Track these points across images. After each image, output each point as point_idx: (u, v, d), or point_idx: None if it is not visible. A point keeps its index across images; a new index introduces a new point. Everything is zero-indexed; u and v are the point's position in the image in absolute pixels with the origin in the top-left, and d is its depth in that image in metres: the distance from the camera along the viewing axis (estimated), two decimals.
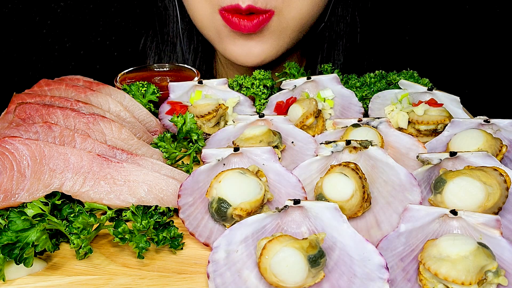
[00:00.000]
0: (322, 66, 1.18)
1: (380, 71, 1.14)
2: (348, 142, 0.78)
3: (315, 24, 1.25)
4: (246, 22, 1.07)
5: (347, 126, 0.88)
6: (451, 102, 0.99)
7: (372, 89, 1.08)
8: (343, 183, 0.70)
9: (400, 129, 0.95)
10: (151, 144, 0.90)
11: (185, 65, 1.20)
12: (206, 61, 1.46)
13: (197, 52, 1.43)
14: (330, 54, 1.36)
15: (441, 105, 0.95)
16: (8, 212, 0.64)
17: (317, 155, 0.79)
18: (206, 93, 1.05)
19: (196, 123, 0.91)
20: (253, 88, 1.07)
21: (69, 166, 0.75)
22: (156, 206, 0.74)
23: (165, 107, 1.03)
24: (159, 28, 1.42)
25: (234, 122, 0.94)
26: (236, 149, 0.79)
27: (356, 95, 1.04)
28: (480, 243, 0.60)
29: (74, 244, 0.66)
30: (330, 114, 1.00)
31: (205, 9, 1.14)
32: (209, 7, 1.13)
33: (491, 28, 1.76)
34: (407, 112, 0.95)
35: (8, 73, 1.79)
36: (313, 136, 0.91)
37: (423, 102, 0.96)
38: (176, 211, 0.76)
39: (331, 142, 0.79)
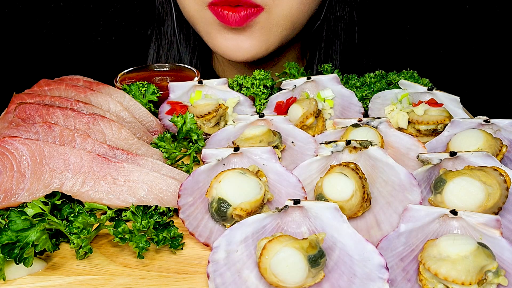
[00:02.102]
0: (322, 66, 1.18)
1: (380, 71, 1.14)
2: (348, 142, 0.78)
3: (310, 22, 1.25)
4: (234, 14, 1.08)
5: (347, 126, 0.88)
6: (451, 102, 0.99)
7: (372, 89, 1.08)
8: (343, 183, 0.70)
9: (400, 129, 0.95)
10: (151, 144, 0.90)
11: (185, 65, 1.20)
12: (203, 61, 1.46)
13: (194, 51, 1.43)
14: (328, 53, 1.36)
15: (441, 105, 0.95)
16: (8, 212, 0.64)
17: (317, 155, 0.79)
18: (206, 93, 1.05)
19: (196, 123, 0.91)
20: (253, 88, 1.07)
21: (69, 166, 0.75)
22: (156, 206, 0.74)
23: (165, 107, 1.03)
24: (157, 27, 1.43)
25: (234, 122, 0.94)
26: (236, 149, 0.79)
27: (356, 95, 1.04)
28: (480, 243, 0.60)
29: (74, 244, 0.66)
30: (330, 114, 1.00)
31: (194, 5, 1.15)
32: (198, 3, 1.13)
33: (491, 28, 1.76)
34: (407, 112, 0.95)
35: (8, 73, 1.79)
36: (313, 136, 0.91)
37: (423, 102, 0.96)
38: (176, 211, 0.76)
39: (331, 142, 0.79)
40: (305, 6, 1.15)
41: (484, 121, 0.86)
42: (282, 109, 1.01)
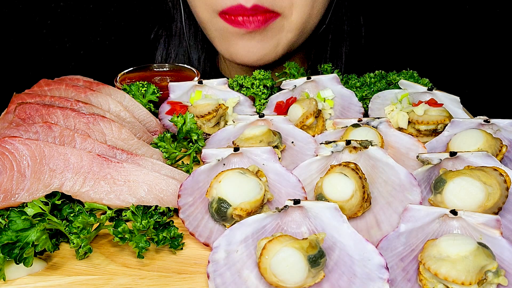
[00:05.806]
0: (322, 66, 1.18)
1: (380, 71, 1.14)
2: (348, 142, 0.78)
3: (316, 26, 1.26)
4: (252, 18, 1.09)
5: (347, 126, 0.88)
6: (451, 102, 0.99)
7: (372, 89, 1.08)
8: (343, 183, 0.70)
9: (400, 129, 0.95)
10: (151, 144, 0.90)
11: (185, 65, 1.20)
12: (210, 60, 1.46)
13: (202, 50, 1.44)
14: (334, 56, 1.37)
15: (441, 105, 0.95)
16: (8, 212, 0.64)
17: (317, 155, 0.79)
18: (206, 93, 1.05)
19: (196, 123, 0.91)
20: (253, 88, 1.07)
21: (69, 166, 0.75)
22: (156, 206, 0.74)
23: (165, 107, 1.03)
24: (168, 23, 1.44)
25: (234, 122, 0.94)
26: (236, 149, 0.79)
27: (356, 95, 1.04)
28: (480, 243, 0.60)
29: (74, 243, 0.66)
30: (330, 114, 1.00)
31: (205, 13, 1.16)
32: (208, 11, 1.15)
33: (491, 28, 1.76)
34: (407, 112, 0.95)
35: (8, 73, 1.79)
36: (313, 136, 0.91)
37: (423, 102, 0.96)
38: (176, 211, 0.76)
39: (331, 142, 0.79)
40: (315, 10, 1.16)
41: (484, 121, 0.86)
42: (282, 109, 1.01)
